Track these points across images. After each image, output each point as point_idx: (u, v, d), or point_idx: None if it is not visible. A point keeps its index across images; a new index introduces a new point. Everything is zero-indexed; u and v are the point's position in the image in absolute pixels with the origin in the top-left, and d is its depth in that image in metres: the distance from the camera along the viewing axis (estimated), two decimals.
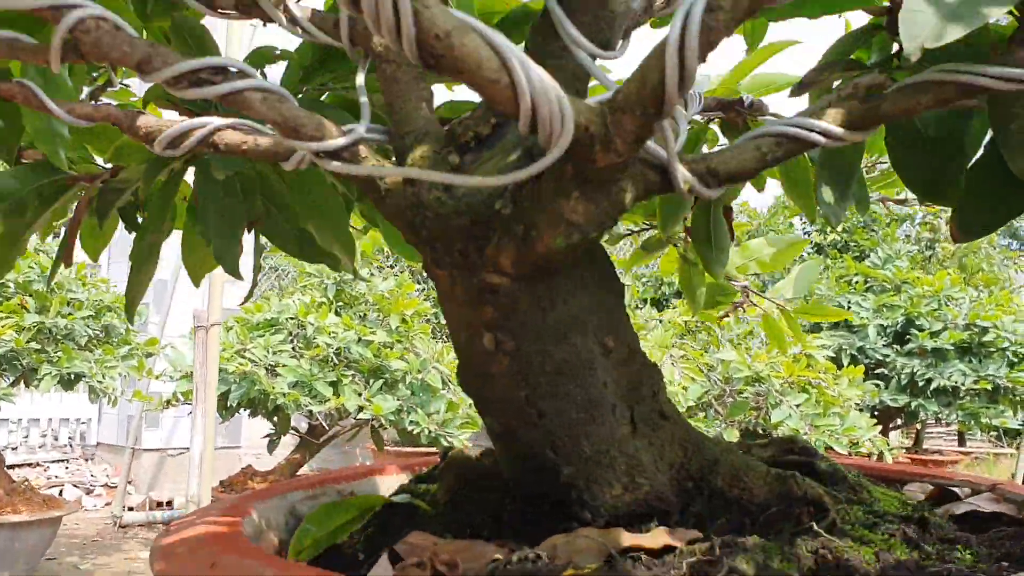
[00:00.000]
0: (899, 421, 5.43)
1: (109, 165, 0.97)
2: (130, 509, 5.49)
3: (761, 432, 4.60)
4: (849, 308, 5.32)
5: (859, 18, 0.81)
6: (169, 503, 5.46)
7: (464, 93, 1.00)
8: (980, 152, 0.66)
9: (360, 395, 4.31)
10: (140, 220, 1.06)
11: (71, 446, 6.64)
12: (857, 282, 5.50)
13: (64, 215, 1.04)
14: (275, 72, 0.91)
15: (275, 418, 4.45)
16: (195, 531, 0.67)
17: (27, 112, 0.83)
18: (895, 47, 0.75)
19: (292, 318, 4.55)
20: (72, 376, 3.51)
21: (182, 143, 0.64)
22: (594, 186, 0.62)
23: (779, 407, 4.09)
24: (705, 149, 1.11)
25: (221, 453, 6.25)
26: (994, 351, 4.89)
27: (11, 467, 6.18)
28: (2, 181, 0.92)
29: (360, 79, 0.71)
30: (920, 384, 4.91)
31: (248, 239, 1.01)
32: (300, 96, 0.92)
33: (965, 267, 8.43)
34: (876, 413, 5.19)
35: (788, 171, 1.01)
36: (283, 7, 0.72)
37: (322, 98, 0.96)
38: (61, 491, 5.74)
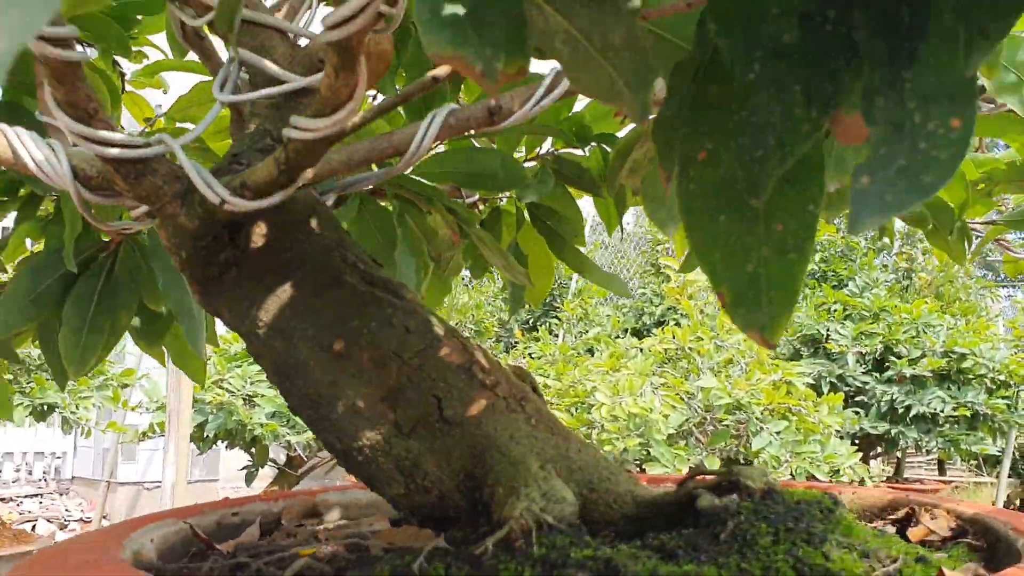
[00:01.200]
0: (879, 449, 5.43)
1: None
2: None
3: (743, 461, 4.59)
4: (828, 336, 5.33)
5: None
6: None
7: None
8: None
9: None
10: None
11: (46, 480, 6.53)
12: (836, 310, 5.52)
13: None
14: None
15: (253, 449, 4.40)
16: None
17: None
18: None
19: None
20: (45, 407, 3.46)
21: None
22: (155, 213, 0.73)
23: (759, 434, 4.08)
24: None
25: (198, 486, 6.17)
26: (972, 378, 4.90)
27: None
28: None
29: None
30: (900, 411, 4.91)
31: None
32: None
33: (942, 296, 8.47)
34: (857, 440, 5.19)
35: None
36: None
37: None
38: (34, 526, 5.64)
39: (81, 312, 1.05)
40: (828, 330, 5.36)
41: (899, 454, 6.81)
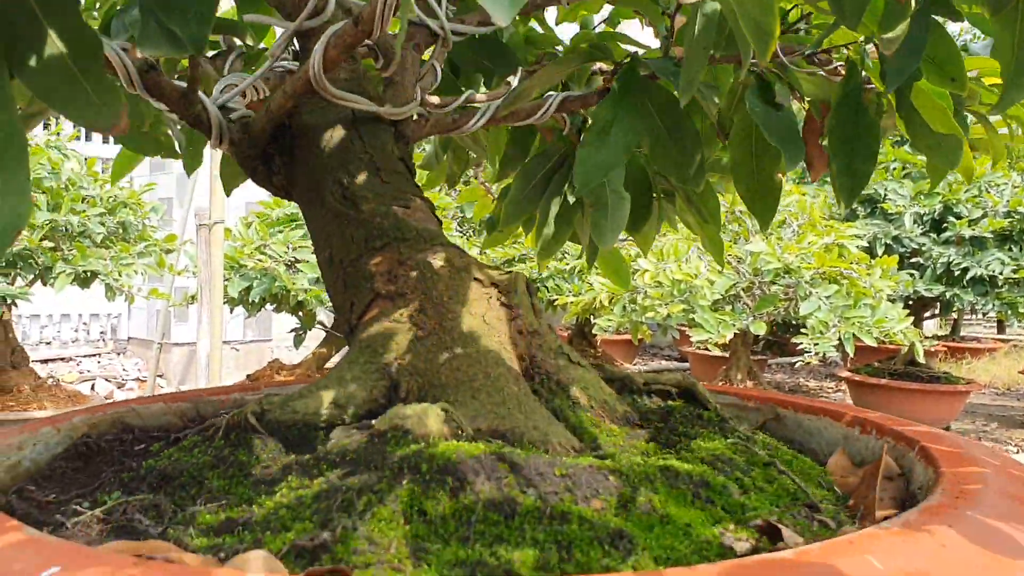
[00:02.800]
0: (934, 311, 5.30)
1: None
2: None
3: (793, 324, 4.51)
4: (885, 196, 5.14)
5: None
6: None
7: None
8: None
9: None
10: None
11: (103, 340, 6.71)
12: (895, 168, 5.30)
13: None
14: None
15: (299, 313, 4.43)
16: None
17: None
18: None
19: None
20: (88, 274, 3.48)
21: None
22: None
23: (808, 299, 3.99)
24: None
25: (252, 346, 6.30)
26: None
27: (44, 362, 6.27)
28: None
29: None
30: (956, 273, 4.76)
31: None
32: None
33: (1012, 150, 8.14)
34: (910, 303, 5.07)
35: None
36: None
37: None
38: (93, 385, 5.82)
39: (549, 206, 1.17)
40: (886, 190, 5.16)
41: (955, 314, 6.67)
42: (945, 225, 4.91)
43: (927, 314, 5.34)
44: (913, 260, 4.97)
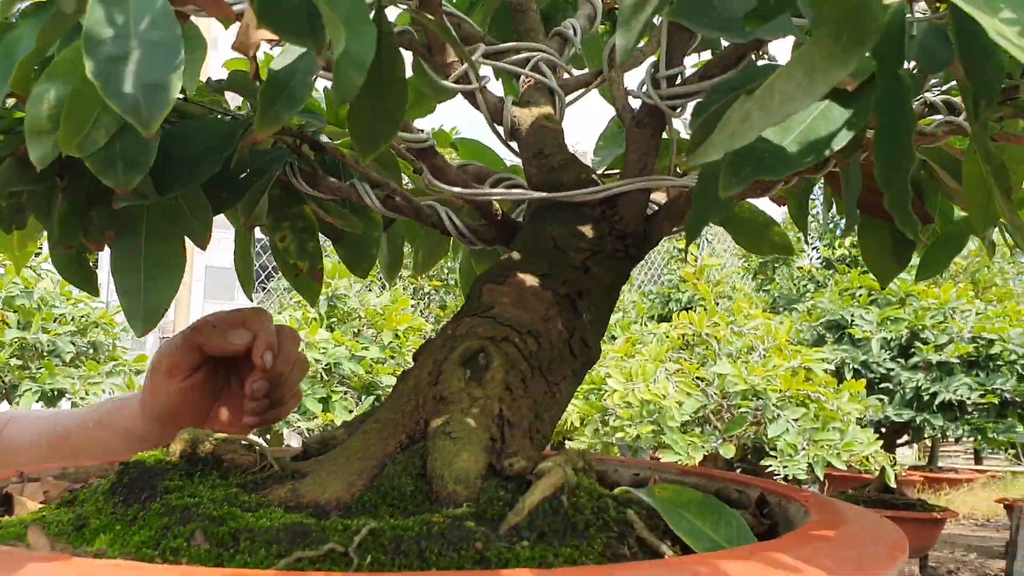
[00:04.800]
0: (907, 436, 5.31)
1: None
2: None
3: (763, 449, 4.50)
4: (852, 322, 5.22)
5: None
6: None
7: None
8: None
9: (351, 412, 4.24)
10: None
11: None
12: (861, 295, 5.40)
13: None
14: None
15: (267, 436, 4.40)
16: None
17: None
18: None
19: None
20: (54, 392, 3.47)
21: None
22: None
23: (776, 421, 4.00)
24: None
25: None
26: (1001, 364, 4.76)
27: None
28: None
29: None
30: (925, 398, 4.79)
31: None
32: None
33: (977, 282, 8.29)
34: (883, 429, 5.08)
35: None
36: None
37: None
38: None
39: None
40: (852, 316, 5.24)
41: (928, 442, 6.66)
42: (912, 351, 4.98)
43: (900, 441, 5.35)
44: (882, 385, 5.01)
